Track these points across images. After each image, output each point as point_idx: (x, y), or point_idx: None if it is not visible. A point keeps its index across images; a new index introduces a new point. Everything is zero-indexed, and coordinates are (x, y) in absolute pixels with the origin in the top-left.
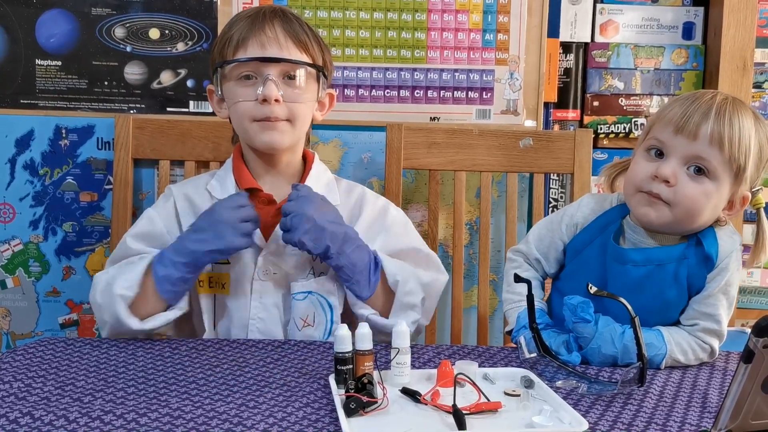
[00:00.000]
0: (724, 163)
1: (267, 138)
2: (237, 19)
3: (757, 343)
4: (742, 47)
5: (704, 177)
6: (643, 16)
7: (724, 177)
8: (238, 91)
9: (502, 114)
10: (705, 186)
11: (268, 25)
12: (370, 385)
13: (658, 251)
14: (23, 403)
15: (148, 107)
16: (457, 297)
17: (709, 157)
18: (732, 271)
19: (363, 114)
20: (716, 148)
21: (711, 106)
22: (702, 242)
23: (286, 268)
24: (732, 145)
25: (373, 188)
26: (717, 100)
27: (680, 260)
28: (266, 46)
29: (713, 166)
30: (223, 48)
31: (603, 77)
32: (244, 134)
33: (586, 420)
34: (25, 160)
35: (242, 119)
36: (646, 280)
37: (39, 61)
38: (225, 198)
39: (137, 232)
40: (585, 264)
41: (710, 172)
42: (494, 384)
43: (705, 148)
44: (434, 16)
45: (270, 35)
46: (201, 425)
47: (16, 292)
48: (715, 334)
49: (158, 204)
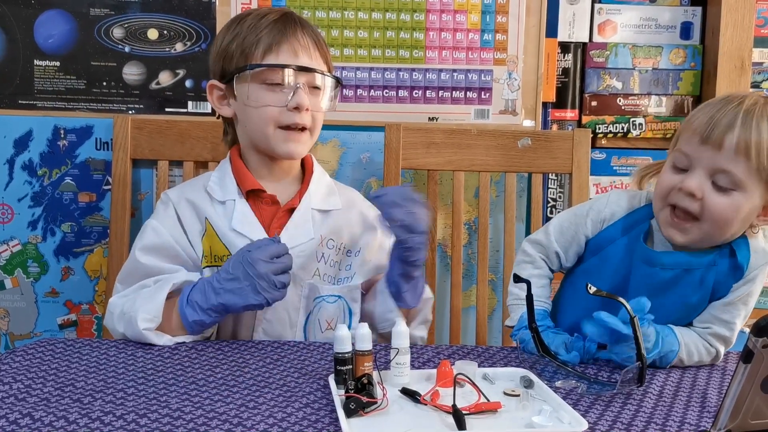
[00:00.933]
0: (752, 172)
1: (290, 148)
2: (256, 21)
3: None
4: (740, 47)
5: (731, 190)
6: (641, 16)
7: (753, 186)
8: (265, 96)
9: (500, 114)
10: (733, 198)
11: (300, 32)
12: (370, 385)
13: (689, 257)
14: (23, 404)
15: (146, 107)
16: (455, 297)
17: (735, 169)
18: (758, 284)
19: (361, 114)
20: (742, 158)
21: (738, 113)
22: (735, 252)
23: (293, 270)
24: (760, 153)
25: (372, 188)
26: (745, 105)
27: (709, 267)
28: (299, 54)
29: (739, 178)
30: (248, 49)
31: (601, 77)
32: (263, 139)
33: (585, 420)
34: (24, 160)
35: (265, 124)
36: (672, 284)
37: (37, 62)
38: (260, 245)
39: (146, 246)
40: (607, 261)
41: (737, 184)
42: (494, 384)
43: (731, 159)
44: (433, 17)
45: (303, 43)
46: (201, 426)
47: (14, 293)
48: (724, 340)
49: (158, 213)
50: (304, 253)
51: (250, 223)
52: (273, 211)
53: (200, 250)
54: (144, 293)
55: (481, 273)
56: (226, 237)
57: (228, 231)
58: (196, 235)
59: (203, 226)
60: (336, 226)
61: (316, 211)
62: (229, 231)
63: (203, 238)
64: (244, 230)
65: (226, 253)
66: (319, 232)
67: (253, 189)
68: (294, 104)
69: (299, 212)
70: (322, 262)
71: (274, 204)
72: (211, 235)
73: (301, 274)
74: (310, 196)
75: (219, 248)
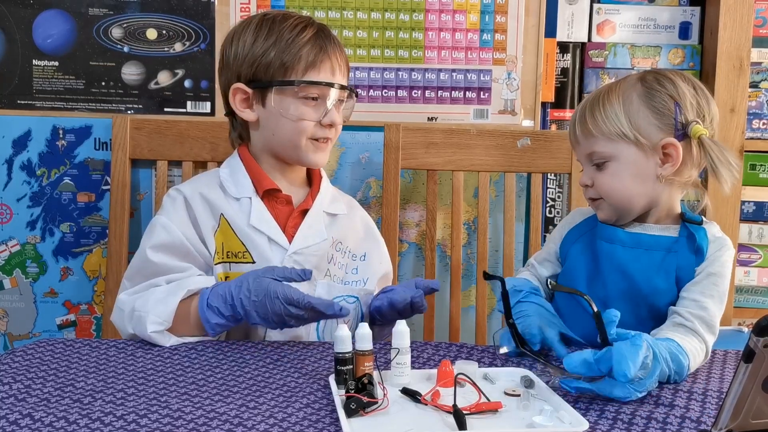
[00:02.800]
0: (607, 141)
1: (318, 158)
2: (296, 35)
3: (758, 343)
4: (738, 47)
5: (606, 163)
6: (639, 16)
7: (619, 150)
8: (302, 110)
9: (499, 114)
10: (610, 170)
11: (337, 51)
12: (371, 385)
13: (647, 237)
14: (23, 404)
15: (145, 107)
16: (455, 297)
17: (595, 147)
18: (723, 268)
19: (361, 114)
20: (590, 138)
21: (576, 113)
22: (694, 235)
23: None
24: (599, 125)
25: (371, 188)
26: (585, 101)
27: (669, 251)
28: (336, 72)
29: (601, 151)
30: (289, 63)
31: (600, 77)
32: (293, 148)
33: (586, 420)
34: (23, 160)
35: (299, 136)
36: (634, 262)
37: (36, 62)
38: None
39: (156, 244)
40: (575, 261)
41: (605, 156)
42: (494, 384)
43: (587, 144)
44: (432, 16)
45: (339, 62)
46: (201, 426)
47: (13, 293)
48: (706, 324)
49: (167, 209)
50: (317, 253)
51: (267, 220)
52: (288, 212)
53: (212, 246)
54: (157, 293)
55: (480, 273)
56: (242, 232)
57: (245, 227)
58: (209, 231)
59: (217, 221)
60: (342, 230)
61: (326, 213)
62: (247, 227)
63: (216, 234)
64: (263, 227)
65: (242, 249)
66: (330, 234)
67: (269, 189)
68: (329, 121)
69: (313, 213)
70: (332, 264)
71: (288, 204)
72: (226, 230)
73: (315, 274)
74: (322, 198)
75: (234, 244)
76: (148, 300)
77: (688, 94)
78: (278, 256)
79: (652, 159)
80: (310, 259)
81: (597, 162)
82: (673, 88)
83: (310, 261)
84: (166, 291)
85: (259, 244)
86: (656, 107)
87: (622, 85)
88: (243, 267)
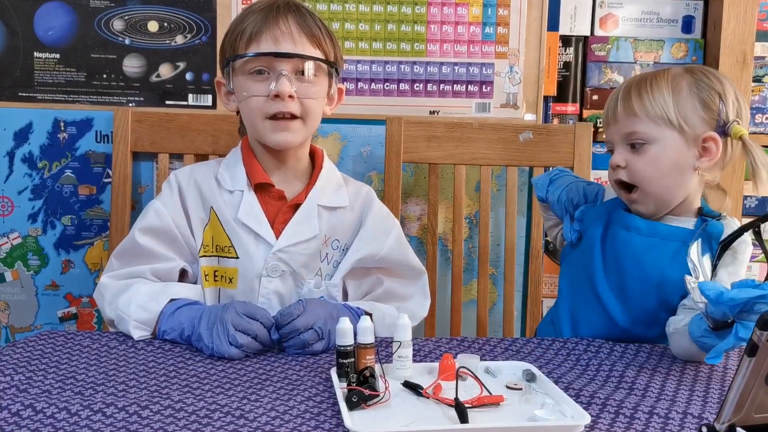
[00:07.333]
0: (650, 124)
1: (279, 138)
2: (250, 12)
3: (762, 337)
4: (741, 41)
5: (645, 146)
6: (642, 10)
7: (662, 135)
8: (249, 86)
9: (501, 108)
10: (648, 153)
11: (282, 19)
12: (372, 378)
13: (664, 227)
14: (24, 395)
15: (146, 100)
16: (456, 291)
17: (636, 127)
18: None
19: (362, 107)
20: (632, 117)
21: (620, 90)
22: (711, 234)
23: (295, 266)
24: (645, 106)
25: (372, 182)
26: (625, 83)
27: (684, 242)
28: (280, 41)
29: (643, 131)
30: (235, 41)
31: (602, 71)
32: (255, 131)
33: (588, 413)
34: (24, 153)
35: (254, 115)
36: (647, 250)
37: (37, 54)
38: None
39: (145, 227)
40: (591, 246)
41: (646, 138)
42: (496, 377)
43: (625, 123)
44: (434, 9)
45: (284, 29)
46: (203, 418)
47: (14, 286)
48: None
49: (164, 194)
50: (305, 251)
51: (255, 215)
52: (279, 206)
53: (200, 239)
54: (140, 297)
55: (482, 267)
56: (229, 226)
57: (232, 220)
58: (198, 224)
59: (207, 215)
60: (341, 223)
61: (322, 207)
62: (233, 221)
63: (206, 229)
64: (249, 222)
65: (228, 243)
66: (324, 228)
67: (261, 182)
68: (275, 92)
69: (304, 208)
70: (325, 262)
71: (281, 199)
72: (215, 225)
73: (303, 272)
74: (317, 192)
75: (222, 238)
76: (130, 303)
77: (732, 93)
78: (263, 253)
79: (691, 150)
80: (297, 257)
81: (635, 142)
82: (719, 85)
83: (296, 260)
84: (148, 295)
85: (245, 239)
86: (703, 99)
87: (670, 72)
88: (228, 262)
